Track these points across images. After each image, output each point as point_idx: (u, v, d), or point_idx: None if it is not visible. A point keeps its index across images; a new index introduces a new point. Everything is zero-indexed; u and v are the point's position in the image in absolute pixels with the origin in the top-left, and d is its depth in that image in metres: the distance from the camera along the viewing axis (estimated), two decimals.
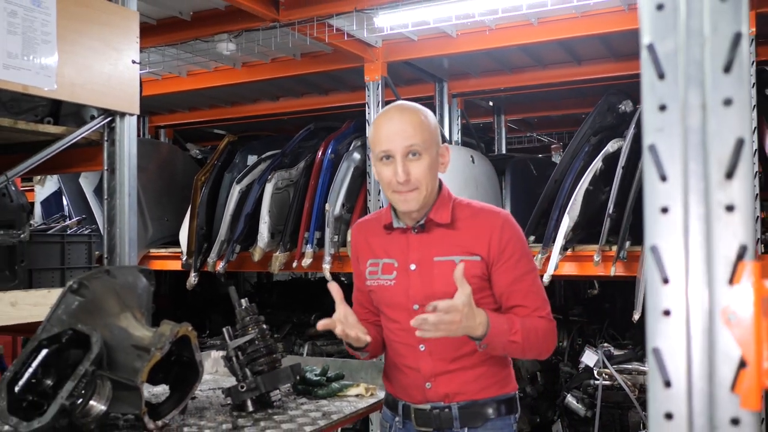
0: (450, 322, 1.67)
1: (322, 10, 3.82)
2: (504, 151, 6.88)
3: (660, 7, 0.83)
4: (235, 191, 4.87)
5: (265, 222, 4.69)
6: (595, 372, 4.10)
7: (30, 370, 1.82)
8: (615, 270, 3.78)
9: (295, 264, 4.62)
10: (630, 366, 4.10)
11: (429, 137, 1.88)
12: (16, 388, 1.79)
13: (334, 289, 1.86)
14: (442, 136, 4.40)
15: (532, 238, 4.19)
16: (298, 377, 2.33)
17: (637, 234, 3.81)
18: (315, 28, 3.91)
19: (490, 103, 6.72)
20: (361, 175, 4.84)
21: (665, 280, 0.82)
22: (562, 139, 8.04)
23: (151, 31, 4.30)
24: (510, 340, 1.79)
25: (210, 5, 3.99)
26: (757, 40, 3.62)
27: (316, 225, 4.60)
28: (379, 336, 2.03)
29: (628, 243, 3.81)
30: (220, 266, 4.85)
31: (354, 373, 2.61)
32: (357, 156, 4.85)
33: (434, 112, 5.75)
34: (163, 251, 5.47)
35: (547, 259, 3.92)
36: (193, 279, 4.99)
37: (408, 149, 1.85)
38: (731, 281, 0.79)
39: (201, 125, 7.36)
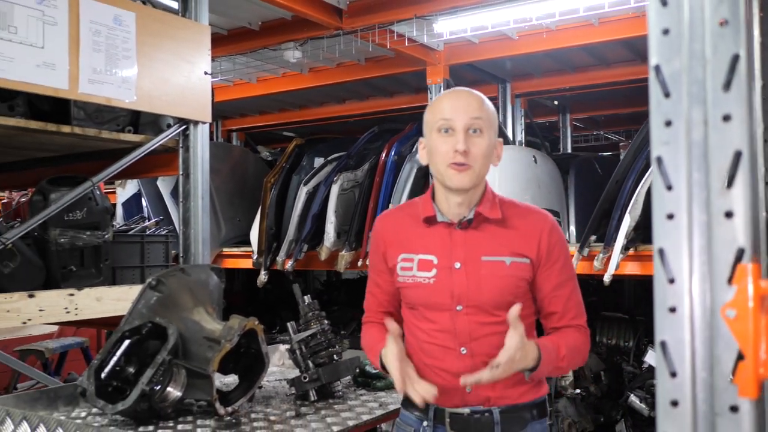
0: (505, 372, 1.64)
1: (383, 18, 3.95)
2: (570, 150, 6.86)
3: (666, 32, 0.92)
4: (303, 192, 5.05)
5: (331, 222, 4.85)
6: None
7: (114, 358, 2.01)
8: None
9: (360, 263, 4.76)
10: None
11: (490, 120, 1.80)
12: (103, 375, 1.99)
13: (393, 327, 1.77)
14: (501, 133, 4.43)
15: (593, 237, 4.21)
16: (357, 370, 2.46)
17: None
18: (377, 34, 4.04)
19: (555, 102, 6.72)
20: (423, 176, 4.95)
21: (671, 280, 0.90)
22: (630, 137, 7.94)
23: (223, 41, 4.53)
24: (557, 366, 1.77)
25: (277, 15, 4.17)
26: None
27: None
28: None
29: None
30: (289, 265, 5.03)
31: None
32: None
33: (497, 113, 5.85)
34: (235, 250, 5.69)
35: (608, 258, 3.93)
36: (263, 277, 5.19)
37: (471, 123, 1.76)
38: (730, 281, 0.87)
39: (271, 128, 7.61)
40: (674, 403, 0.90)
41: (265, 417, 2.13)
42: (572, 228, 5.20)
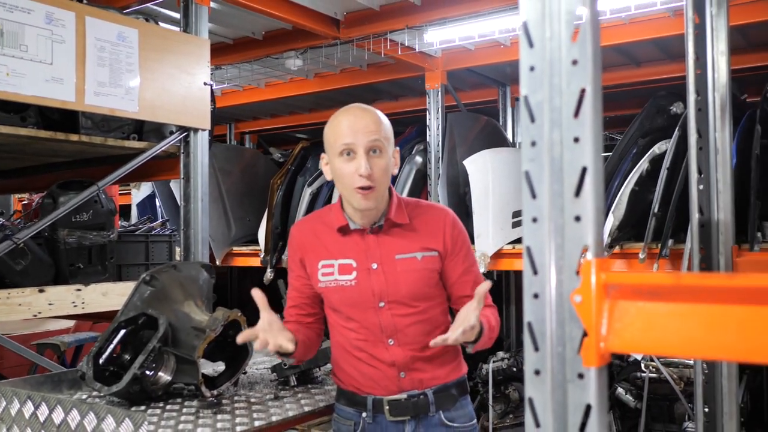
0: (465, 338, 1.80)
1: (378, 28, 4.17)
2: None
3: (532, 68, 1.11)
4: (306, 193, 5.28)
5: None
6: (642, 365, 4.26)
7: (111, 346, 2.24)
8: (657, 267, 3.93)
9: None
10: (676, 359, 4.23)
11: (387, 137, 1.96)
12: (100, 360, 2.22)
13: (258, 296, 1.86)
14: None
15: None
16: None
17: (684, 232, 3.95)
18: (371, 43, 4.26)
19: None
20: (422, 177, 5.15)
21: (535, 272, 1.10)
22: None
23: (229, 50, 4.78)
24: (490, 337, 1.94)
25: (279, 26, 4.40)
26: None
27: None
28: (310, 339, 2.05)
29: (671, 241, 3.95)
30: None
31: None
32: (419, 159, 5.17)
33: (498, 116, 6.05)
34: (244, 249, 5.92)
35: None
36: (269, 274, 5.43)
37: (371, 145, 1.90)
38: (577, 272, 1.07)
39: (283, 130, 7.85)
40: (537, 372, 1.10)
41: (247, 399, 2.35)
42: None
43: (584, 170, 1.06)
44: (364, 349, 2.00)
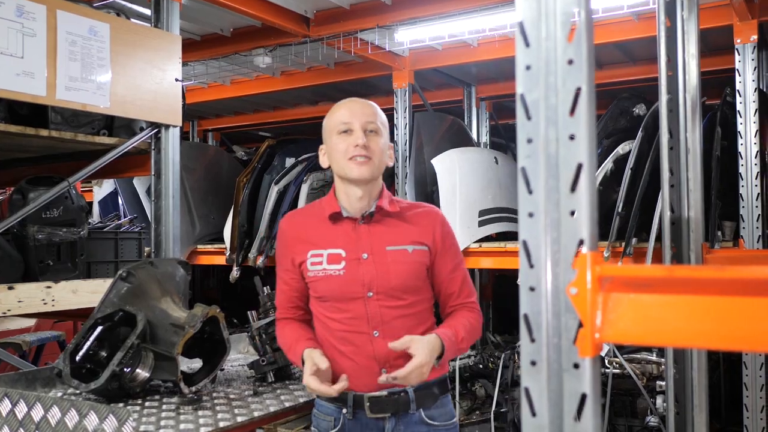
0: (420, 375, 1.86)
1: (348, 27, 4.18)
2: None
3: (528, 67, 1.15)
4: (273, 191, 5.26)
5: None
6: (606, 361, 4.35)
7: (88, 343, 2.22)
8: (621, 265, 4.03)
9: None
10: (639, 355, 4.34)
11: (384, 123, 2.04)
12: (77, 358, 2.20)
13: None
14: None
15: None
16: None
17: (647, 231, 4.06)
18: (342, 42, 4.27)
19: None
20: (390, 176, 5.18)
21: (531, 266, 1.13)
22: None
23: (196, 46, 4.74)
24: (458, 348, 1.97)
25: (247, 23, 4.38)
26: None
27: None
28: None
29: (634, 240, 4.05)
30: (260, 261, 5.23)
31: None
32: None
33: (463, 116, 6.11)
34: (209, 247, 5.87)
35: None
36: (235, 273, 5.39)
37: (368, 125, 1.98)
38: (573, 266, 1.10)
39: (246, 128, 7.79)
40: (533, 363, 1.13)
41: (226, 395, 2.35)
42: None
43: (580, 166, 1.09)
44: (348, 341, 1.99)
